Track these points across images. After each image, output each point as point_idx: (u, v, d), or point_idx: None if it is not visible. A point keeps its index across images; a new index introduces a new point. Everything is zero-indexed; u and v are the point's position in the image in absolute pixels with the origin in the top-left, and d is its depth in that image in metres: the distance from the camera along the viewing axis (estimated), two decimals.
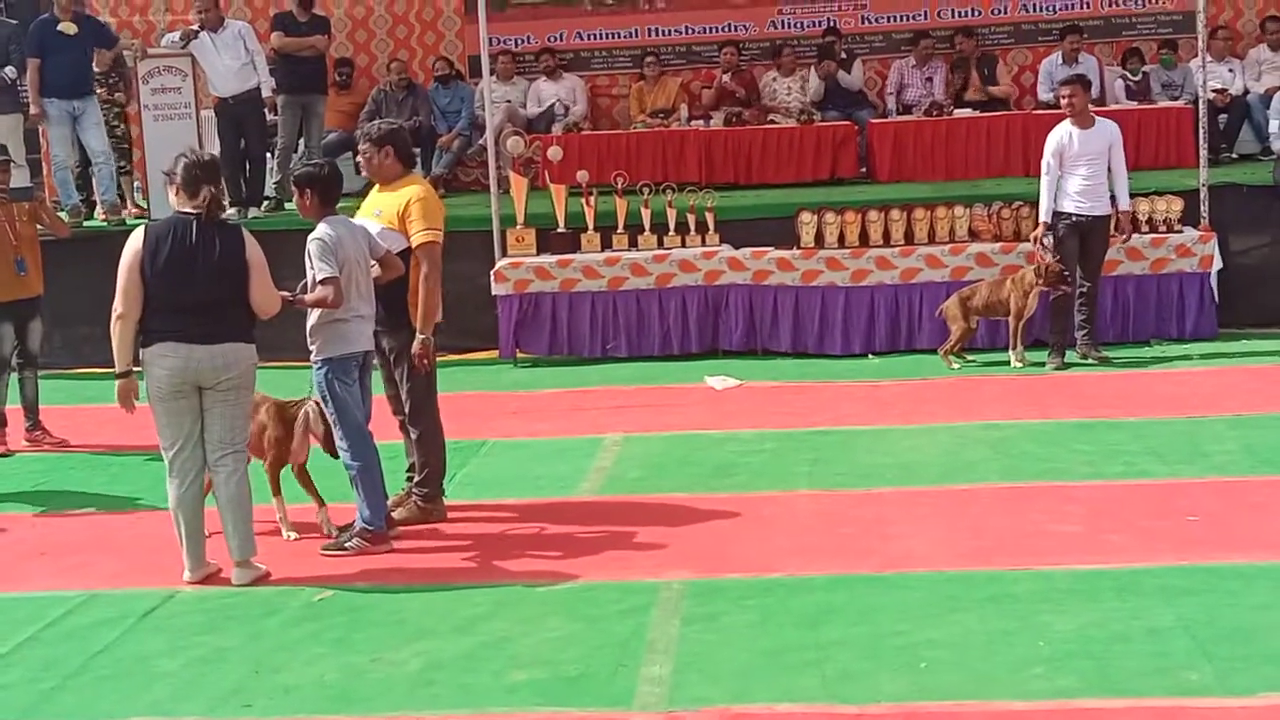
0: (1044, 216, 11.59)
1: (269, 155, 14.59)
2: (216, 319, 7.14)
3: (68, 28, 13.31)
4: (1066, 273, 11.45)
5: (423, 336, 7.85)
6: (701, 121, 15.38)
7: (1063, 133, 11.61)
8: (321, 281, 7.48)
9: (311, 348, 7.69)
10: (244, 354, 7.24)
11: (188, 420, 7.19)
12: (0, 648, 6.58)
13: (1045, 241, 11.54)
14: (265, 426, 7.98)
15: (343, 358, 7.62)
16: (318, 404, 7.82)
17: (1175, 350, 11.98)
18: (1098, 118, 11.78)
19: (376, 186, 8.33)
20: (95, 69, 13.99)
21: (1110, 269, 12.09)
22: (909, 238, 12.73)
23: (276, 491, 8.05)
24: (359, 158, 8.40)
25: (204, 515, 7.36)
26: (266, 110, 14.31)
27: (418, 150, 15.22)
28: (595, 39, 16.56)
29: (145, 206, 14.34)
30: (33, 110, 13.54)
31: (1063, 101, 11.71)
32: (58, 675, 6.24)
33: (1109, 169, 11.60)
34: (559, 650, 6.25)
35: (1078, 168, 11.49)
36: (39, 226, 10.61)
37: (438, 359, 8.23)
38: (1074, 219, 11.50)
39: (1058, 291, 11.48)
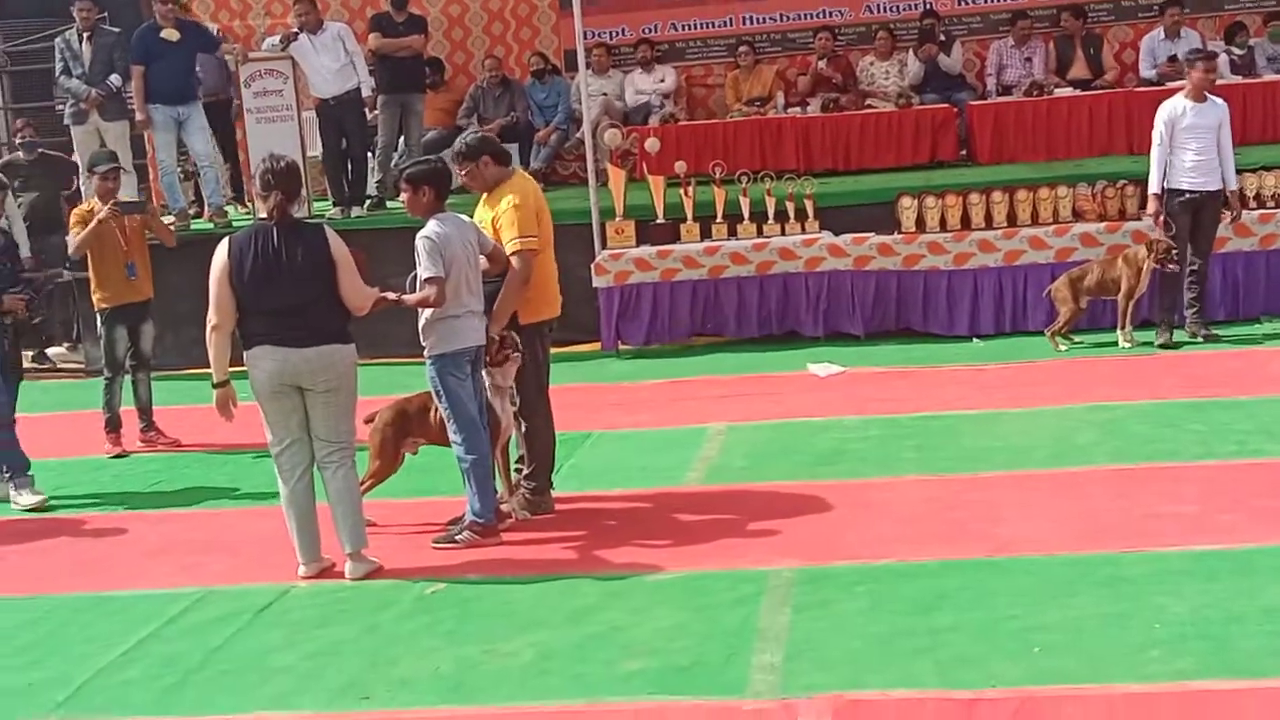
0: (1154, 188, 11.46)
1: (369, 155, 14.71)
2: (308, 321, 7.20)
3: (170, 34, 13.50)
4: (1175, 250, 11.29)
5: (491, 334, 7.91)
6: (798, 109, 15.33)
7: (1175, 105, 11.48)
8: (425, 281, 7.54)
9: (424, 344, 7.74)
10: (340, 355, 7.29)
11: (292, 419, 7.31)
12: (122, 644, 6.71)
13: (1160, 217, 11.41)
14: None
15: (455, 353, 7.67)
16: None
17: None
18: (1209, 95, 11.61)
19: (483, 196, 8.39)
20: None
21: (1219, 246, 11.90)
22: (1011, 220, 12.62)
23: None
24: (461, 175, 8.46)
25: (315, 510, 7.46)
26: (366, 110, 14.43)
27: (515, 145, 15.37)
28: (689, 29, 16.54)
29: (250, 208, 14.51)
30: (138, 117, 13.76)
31: (1198, 76, 11.50)
32: (179, 671, 6.35)
33: (1218, 145, 11.44)
34: (670, 639, 6.27)
35: (1189, 142, 11.35)
36: (147, 232, 10.81)
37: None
38: (1187, 195, 11.37)
39: (1167, 268, 11.33)
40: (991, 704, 5.40)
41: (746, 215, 13.04)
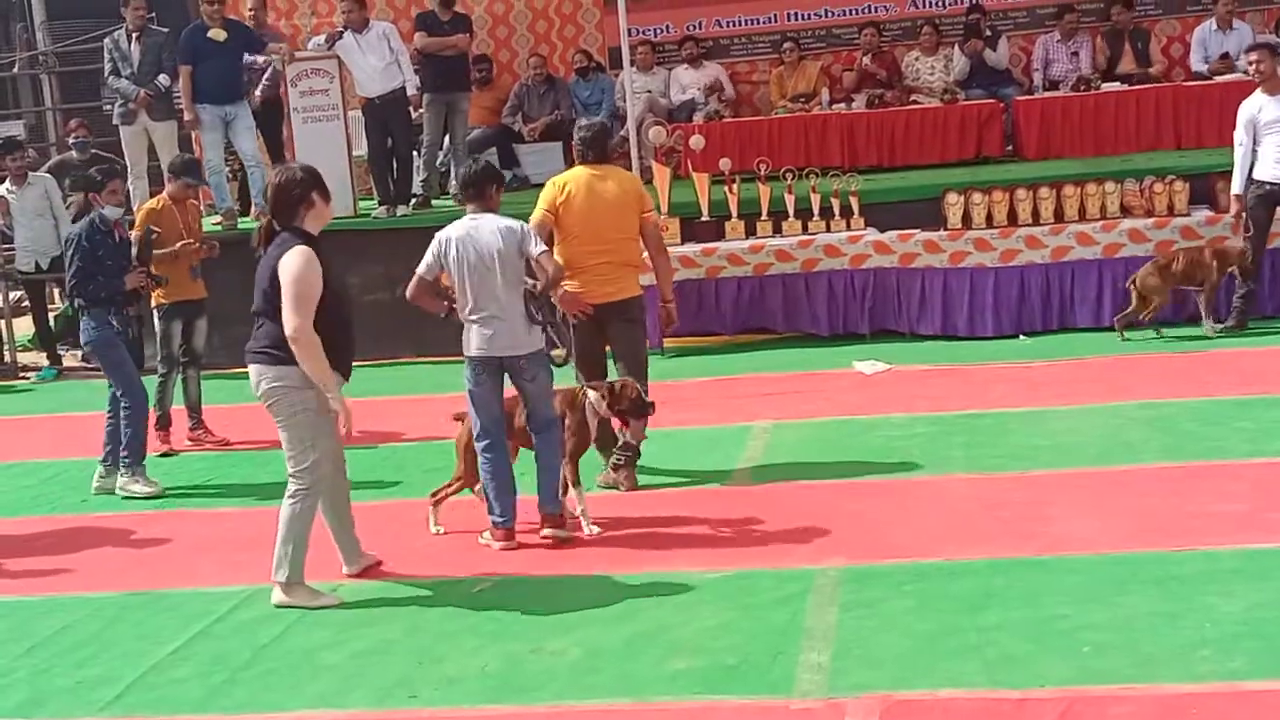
0: (1236, 189, 11.45)
1: (415, 153, 14.75)
2: (257, 334, 7.10)
3: (217, 34, 13.57)
4: (1254, 266, 11.53)
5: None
6: (843, 105, 15.30)
7: (1254, 103, 11.51)
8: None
9: None
10: (262, 376, 7.05)
11: None
12: (173, 642, 6.75)
13: (1240, 217, 11.45)
14: (563, 419, 7.97)
15: (468, 358, 7.77)
16: (595, 388, 7.96)
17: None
18: None
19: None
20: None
21: (1270, 240, 11.81)
22: (1059, 216, 12.56)
23: (575, 483, 7.95)
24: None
25: (349, 510, 7.47)
26: (412, 109, 14.47)
27: (559, 143, 15.40)
28: (734, 26, 16.53)
29: None
30: (186, 117, 13.83)
31: (1250, 69, 11.55)
32: (228, 669, 6.38)
33: None
34: (717, 638, 6.27)
35: (1270, 135, 11.33)
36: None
37: None
38: (1267, 188, 11.38)
39: (1247, 283, 11.56)
40: (1039, 704, 5.38)
41: (791, 212, 13.02)
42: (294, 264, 6.91)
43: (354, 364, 7.28)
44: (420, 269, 7.77)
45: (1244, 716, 5.23)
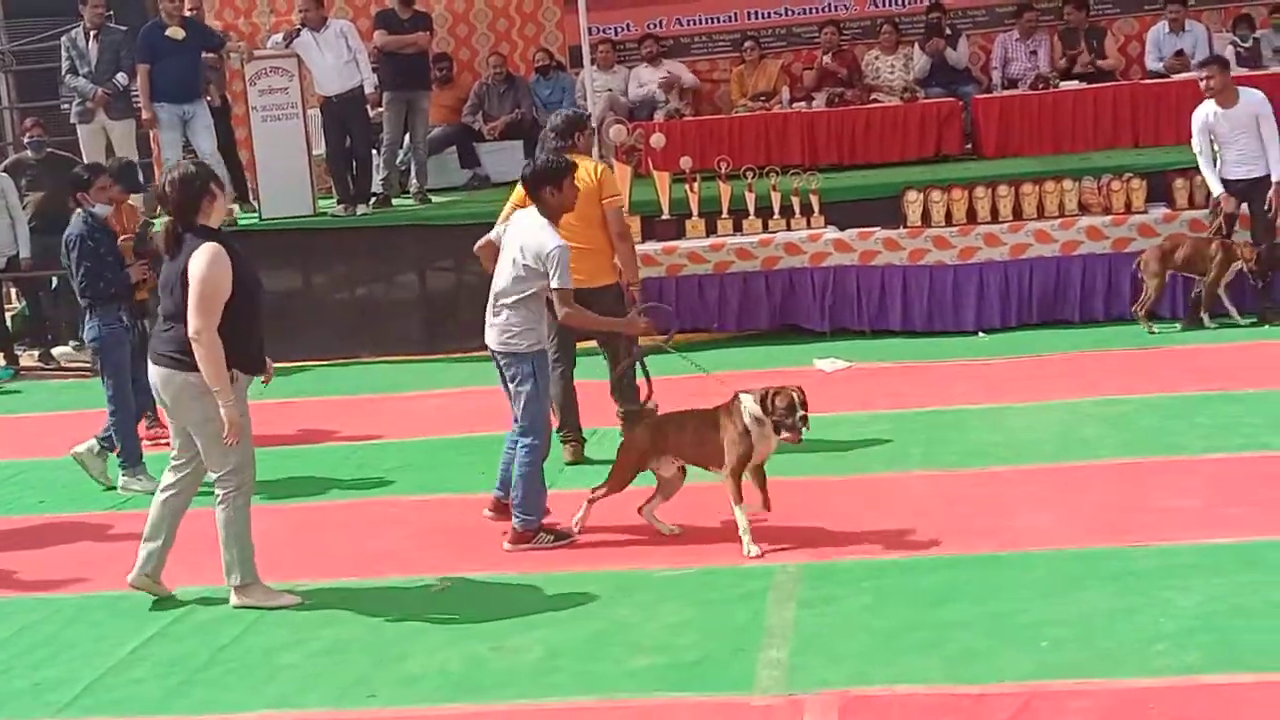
0: (1216, 190, 11.57)
1: (375, 152, 14.71)
2: (164, 335, 6.99)
3: (176, 33, 13.48)
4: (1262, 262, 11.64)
5: None
6: (803, 103, 15.34)
7: (1207, 112, 11.60)
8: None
9: None
10: (169, 380, 6.96)
11: (181, 436, 7.17)
12: (131, 643, 6.71)
13: (1220, 216, 11.64)
14: (719, 430, 7.51)
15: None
16: (750, 393, 7.50)
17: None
18: (1241, 90, 11.66)
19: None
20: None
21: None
22: (1017, 213, 12.61)
23: (738, 501, 7.41)
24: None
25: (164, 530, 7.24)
26: (370, 107, 14.44)
27: (520, 142, 15.40)
28: (694, 24, 16.54)
29: (255, 207, 14.51)
30: (144, 115, 13.76)
31: (1202, 84, 11.62)
32: (186, 669, 6.35)
33: (1261, 138, 11.58)
34: (677, 635, 6.28)
35: (1229, 145, 11.54)
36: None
37: None
38: (1236, 186, 11.59)
39: (1254, 278, 11.64)
40: (998, 699, 5.40)
41: (752, 210, 13.04)
42: (201, 264, 6.77)
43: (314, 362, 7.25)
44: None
45: (1200, 710, 5.26)
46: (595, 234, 8.95)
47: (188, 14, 14.25)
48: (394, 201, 14.49)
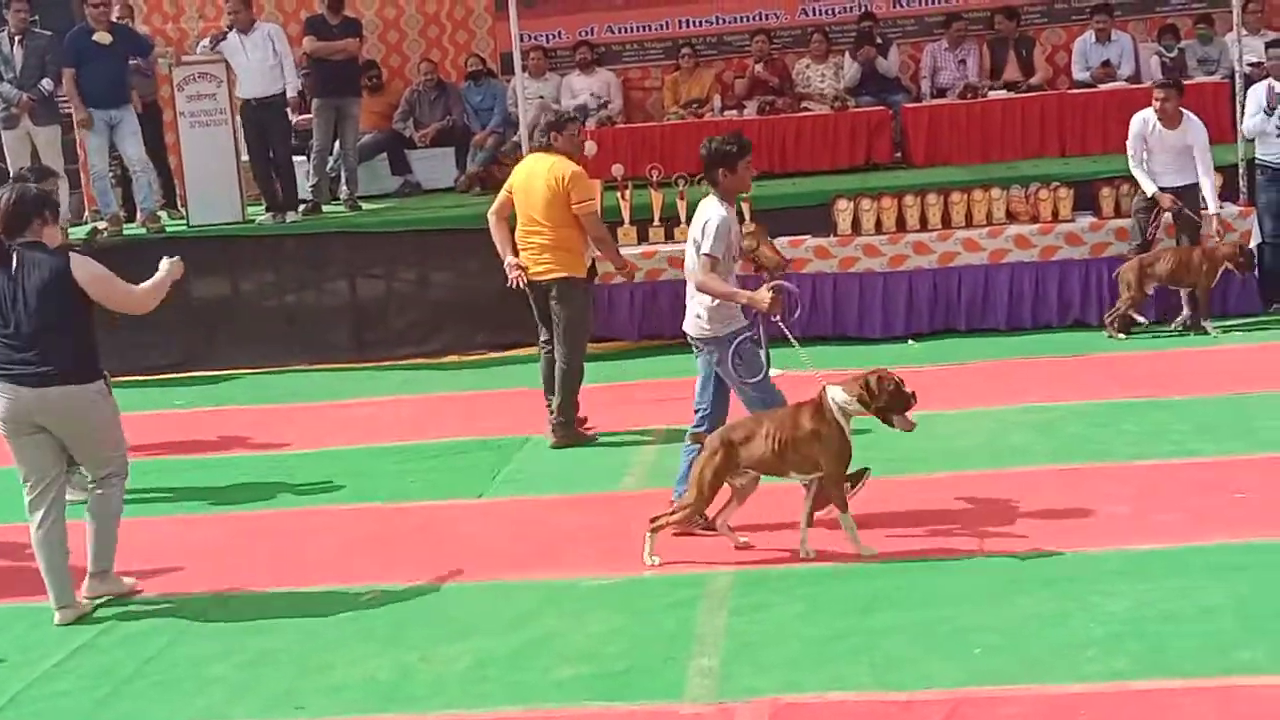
0: (1151, 190, 11.72)
1: (300, 158, 14.61)
2: (44, 356, 6.88)
3: (103, 37, 13.36)
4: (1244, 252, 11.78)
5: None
6: (735, 111, 15.36)
7: (1145, 120, 11.72)
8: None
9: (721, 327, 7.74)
10: (74, 398, 6.93)
11: (43, 456, 7.06)
12: (55, 655, 6.63)
13: (1156, 216, 11.79)
14: (804, 433, 7.14)
15: None
16: (840, 385, 7.22)
17: (1219, 326, 11.84)
18: (1186, 115, 11.74)
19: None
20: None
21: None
22: (946, 222, 12.68)
23: (844, 508, 7.18)
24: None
25: (67, 554, 7.20)
26: (292, 112, 14.33)
27: (451, 149, 15.38)
28: (626, 32, 16.55)
29: (183, 213, 14.39)
30: (78, 116, 13.60)
31: (1155, 104, 11.70)
32: (112, 681, 6.29)
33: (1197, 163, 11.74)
34: (607, 644, 6.26)
35: (1158, 156, 11.72)
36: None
37: (477, 356, 8.40)
38: (1161, 190, 11.69)
39: (1242, 272, 11.74)
40: (926, 705, 5.42)
41: (684, 218, 13.03)
42: (91, 263, 7.00)
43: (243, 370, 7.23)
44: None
45: (1129, 715, 5.30)
46: (562, 233, 9.56)
47: (116, 20, 14.12)
48: (324, 208, 14.40)
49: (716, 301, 7.60)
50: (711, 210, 7.67)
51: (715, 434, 7.34)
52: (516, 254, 9.70)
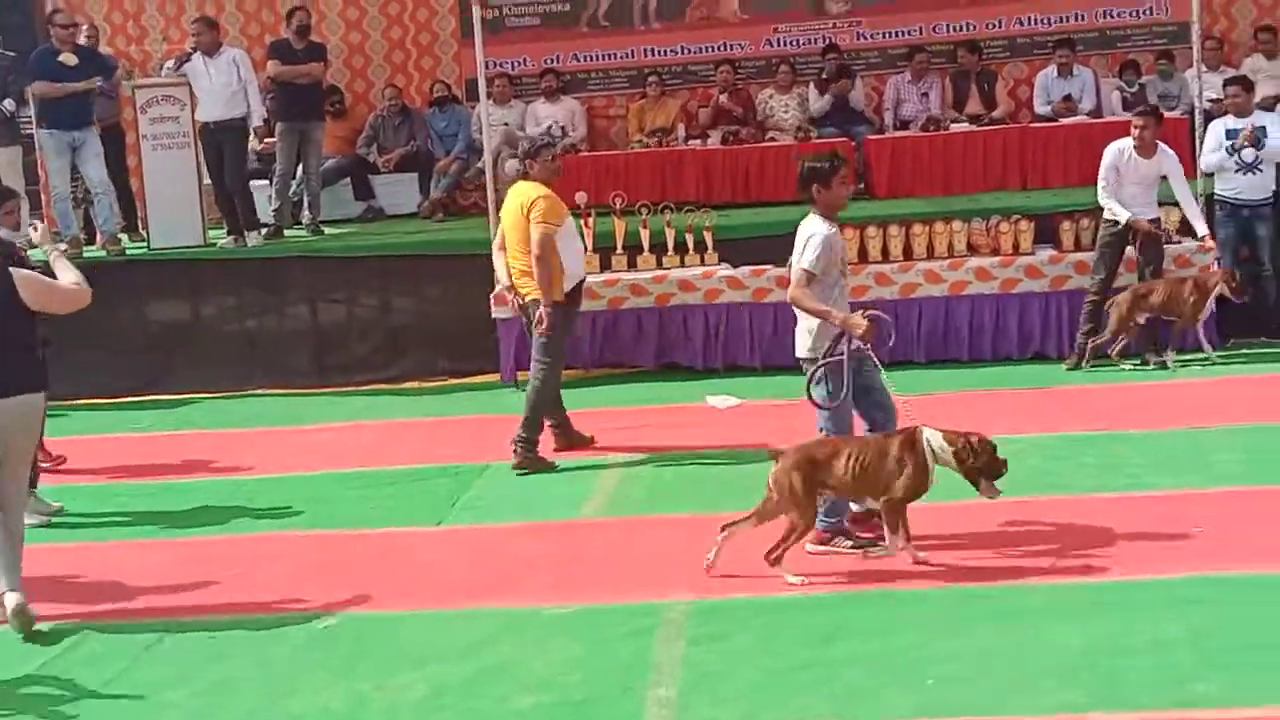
0: (1124, 217, 11.70)
1: (268, 182, 14.58)
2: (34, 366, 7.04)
3: (68, 59, 13.31)
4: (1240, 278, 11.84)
5: None
6: (699, 141, 15.40)
7: (1123, 153, 11.75)
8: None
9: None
10: (36, 405, 7.10)
11: None
12: (7, 676, 6.59)
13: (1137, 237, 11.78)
14: (890, 460, 7.30)
15: None
16: (943, 433, 7.36)
17: (1177, 360, 11.92)
18: (1160, 146, 11.80)
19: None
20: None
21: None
22: (907, 253, 12.73)
23: (895, 529, 7.37)
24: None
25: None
26: (256, 138, 14.31)
27: (415, 175, 15.37)
28: (591, 60, 16.58)
29: (144, 236, 14.33)
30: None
31: (1134, 132, 11.73)
32: (71, 707, 6.25)
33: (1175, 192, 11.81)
34: (564, 673, 6.25)
35: (1128, 186, 11.71)
36: None
37: (438, 383, 8.38)
38: (1119, 225, 11.70)
39: (1240, 298, 11.78)
40: None
41: (646, 246, 13.07)
42: (33, 274, 7.19)
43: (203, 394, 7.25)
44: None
45: None
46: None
47: (82, 41, 14.07)
48: (286, 233, 14.37)
49: (818, 322, 7.69)
50: (815, 226, 7.84)
51: (794, 448, 7.43)
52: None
